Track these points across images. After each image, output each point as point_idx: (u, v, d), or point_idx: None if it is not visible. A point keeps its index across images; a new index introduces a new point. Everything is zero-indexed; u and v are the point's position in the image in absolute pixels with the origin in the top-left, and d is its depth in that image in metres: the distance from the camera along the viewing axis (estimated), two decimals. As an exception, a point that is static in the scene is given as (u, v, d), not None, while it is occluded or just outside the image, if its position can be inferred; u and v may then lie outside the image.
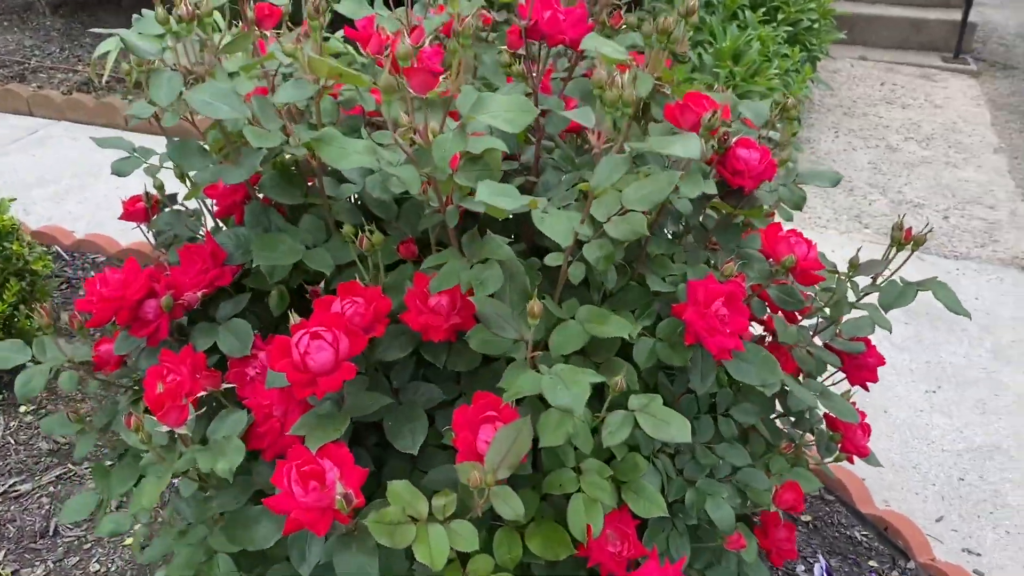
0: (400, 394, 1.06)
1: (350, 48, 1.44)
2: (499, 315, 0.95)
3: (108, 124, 3.93)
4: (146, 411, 1.17)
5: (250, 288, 1.15)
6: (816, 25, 4.29)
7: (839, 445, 1.36)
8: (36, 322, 1.17)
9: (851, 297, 1.22)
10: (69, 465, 2.00)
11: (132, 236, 2.79)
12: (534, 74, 1.10)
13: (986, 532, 2.03)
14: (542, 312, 0.89)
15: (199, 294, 1.10)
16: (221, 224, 1.34)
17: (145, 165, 1.40)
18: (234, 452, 0.94)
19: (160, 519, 1.25)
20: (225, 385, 1.05)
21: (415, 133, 0.88)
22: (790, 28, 4.11)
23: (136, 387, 1.26)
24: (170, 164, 1.34)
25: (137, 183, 1.39)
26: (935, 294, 1.23)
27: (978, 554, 1.97)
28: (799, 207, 1.24)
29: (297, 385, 0.92)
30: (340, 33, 1.38)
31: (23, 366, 1.16)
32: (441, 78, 0.85)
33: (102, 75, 3.96)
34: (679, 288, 1.09)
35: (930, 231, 1.23)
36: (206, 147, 1.28)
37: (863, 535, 1.94)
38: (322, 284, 1.13)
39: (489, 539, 0.98)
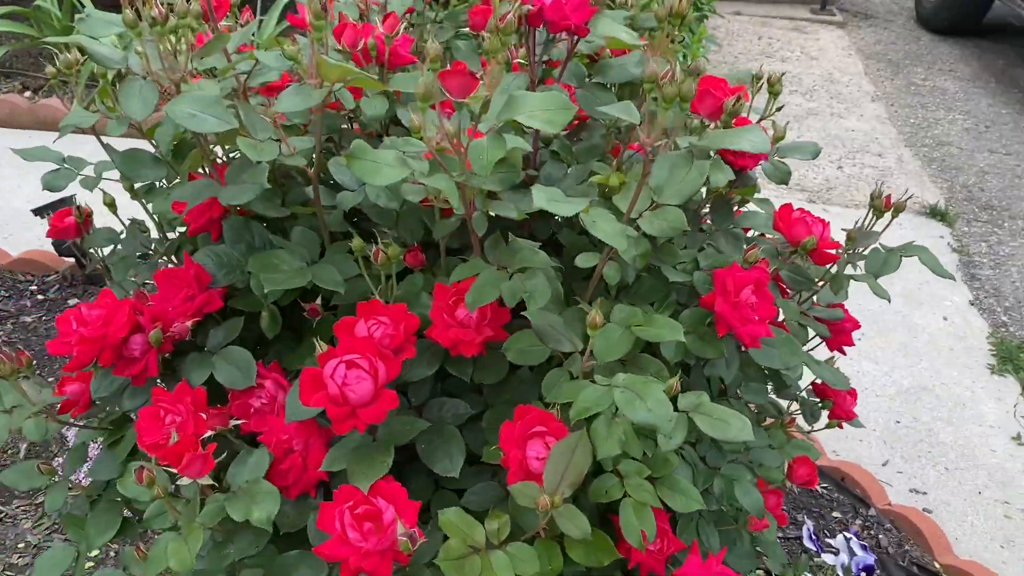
0: (423, 412, 1.00)
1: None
2: (553, 327, 0.90)
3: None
4: (137, 457, 1.07)
5: (237, 310, 1.06)
6: (700, -18, 4.34)
7: (829, 412, 1.38)
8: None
9: (848, 270, 1.22)
10: (-3, 506, 1.83)
11: (17, 243, 2.56)
12: (534, 62, 1.04)
13: (928, 471, 2.14)
14: (602, 323, 0.85)
15: (189, 324, 1.00)
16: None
17: (80, 177, 1.27)
18: (268, 499, 0.86)
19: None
20: (234, 421, 0.96)
21: (442, 139, 0.81)
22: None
23: (108, 428, 1.15)
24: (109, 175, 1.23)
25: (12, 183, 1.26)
26: (920, 259, 1.25)
27: (924, 493, 2.07)
28: (785, 182, 1.24)
29: (337, 420, 0.85)
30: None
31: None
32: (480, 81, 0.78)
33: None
34: (695, 276, 1.07)
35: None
36: (158, 156, 1.17)
37: (823, 488, 2.00)
38: (319, 300, 1.05)
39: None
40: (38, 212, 2.41)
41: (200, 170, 1.16)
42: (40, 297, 2.44)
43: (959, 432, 2.27)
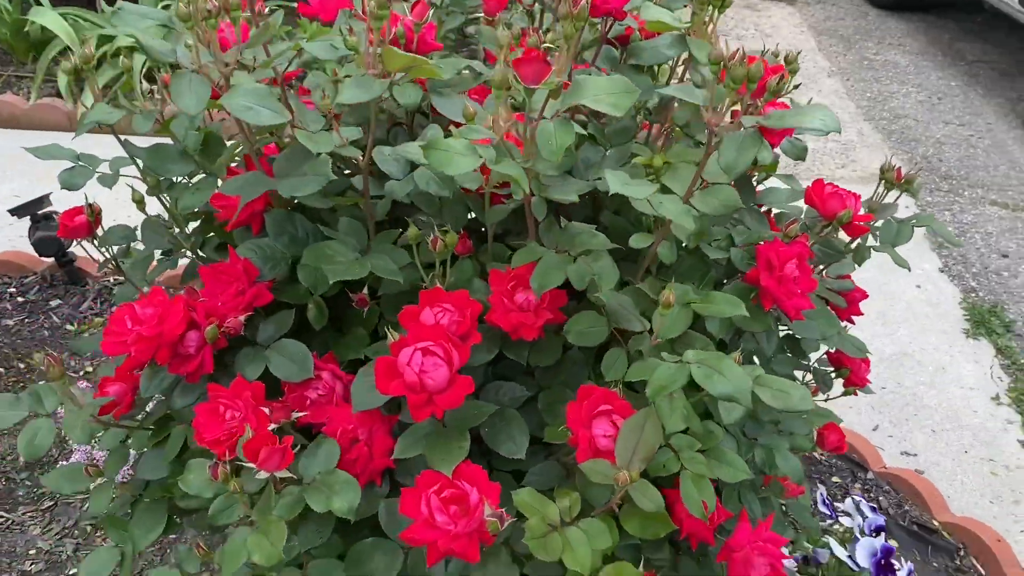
0: (480, 396, 1.01)
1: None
2: (623, 307, 0.92)
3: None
4: (190, 453, 1.06)
5: (281, 304, 1.06)
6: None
7: (844, 380, 1.43)
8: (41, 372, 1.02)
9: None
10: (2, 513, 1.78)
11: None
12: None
13: (916, 434, 2.21)
14: (674, 302, 0.87)
15: (242, 319, 0.99)
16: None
17: (98, 175, 1.25)
18: (347, 488, 0.86)
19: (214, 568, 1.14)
20: (296, 415, 0.96)
21: (510, 126, 0.83)
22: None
23: (150, 428, 1.14)
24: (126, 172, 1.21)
25: None
26: (930, 228, 1.30)
27: (914, 455, 2.15)
28: (802, 158, 1.27)
29: (415, 407, 0.85)
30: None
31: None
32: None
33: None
34: (732, 253, 1.10)
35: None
36: (185, 150, 1.16)
37: (820, 454, 2.06)
38: (365, 290, 1.06)
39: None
40: (14, 212, 2.36)
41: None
42: (20, 299, 2.38)
43: (942, 395, 2.35)
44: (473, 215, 1.08)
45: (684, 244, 1.01)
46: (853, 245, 1.25)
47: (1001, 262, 3.01)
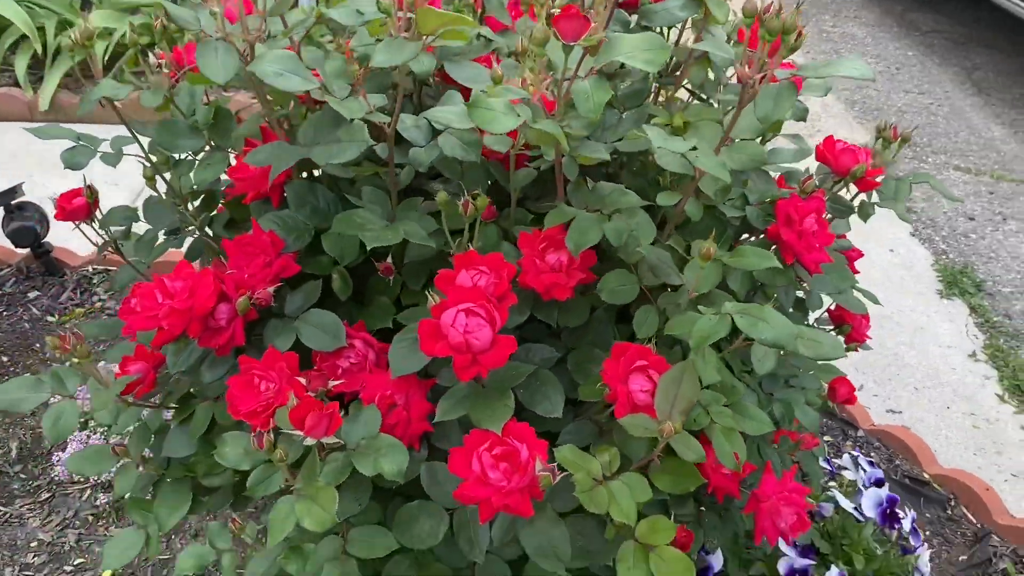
0: (511, 358, 1.02)
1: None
2: (663, 261, 0.93)
3: None
4: (218, 429, 1.06)
5: (306, 275, 1.05)
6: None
7: (846, 337, 1.46)
8: (60, 353, 1.01)
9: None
10: (-4, 507, 1.75)
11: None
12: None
13: (900, 392, 2.27)
14: (713, 255, 0.88)
15: (271, 290, 0.99)
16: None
17: (100, 154, 1.23)
18: (393, 451, 0.87)
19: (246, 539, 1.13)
20: (332, 383, 0.96)
21: (548, 85, 0.83)
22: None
23: (174, 405, 1.13)
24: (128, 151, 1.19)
25: None
26: (930, 184, 1.33)
27: (899, 412, 2.20)
28: (803, 119, 1.29)
29: (461, 368, 0.86)
30: None
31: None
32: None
33: None
34: (748, 211, 1.12)
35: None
36: (195, 125, 1.15)
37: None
38: (389, 258, 1.06)
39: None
40: (-13, 203, 2.30)
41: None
42: (-3, 292, 2.33)
43: (922, 354, 2.41)
44: (488, 184, 1.09)
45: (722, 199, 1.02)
46: (856, 202, 1.28)
47: (968, 224, 3.09)
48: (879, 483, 1.63)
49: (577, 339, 1.05)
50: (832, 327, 1.47)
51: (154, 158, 1.21)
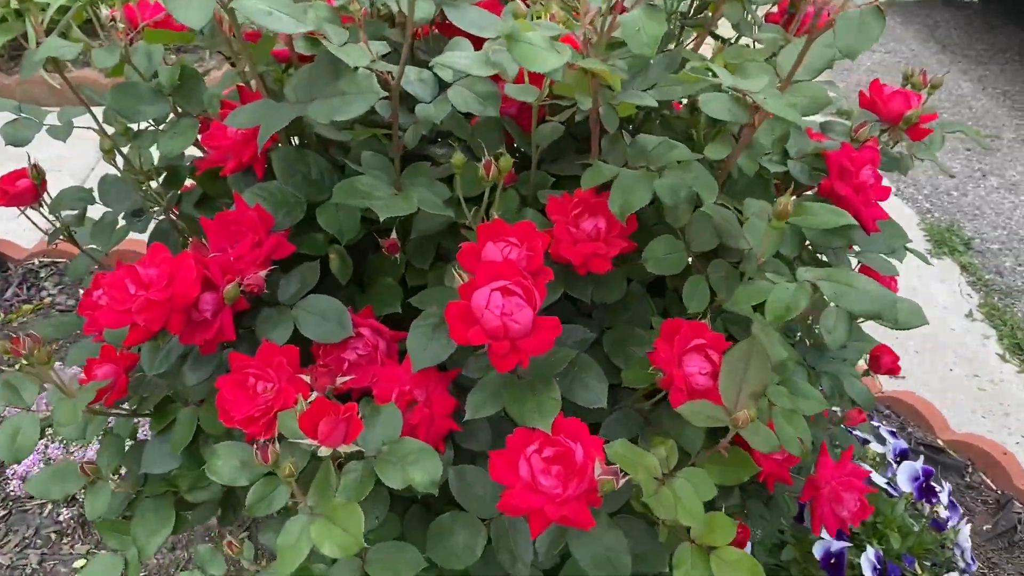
0: (541, 343, 0.89)
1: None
2: (728, 222, 0.81)
3: None
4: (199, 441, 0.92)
5: (299, 255, 0.91)
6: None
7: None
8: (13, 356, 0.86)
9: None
10: (-53, 529, 1.58)
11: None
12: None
13: (902, 357, 2.19)
14: (790, 211, 0.76)
15: (263, 275, 0.85)
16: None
17: (47, 127, 1.08)
18: (425, 457, 0.74)
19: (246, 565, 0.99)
20: (341, 379, 0.83)
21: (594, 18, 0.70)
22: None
23: (148, 413, 0.98)
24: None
25: None
26: (963, 132, 1.23)
27: (903, 377, 2.12)
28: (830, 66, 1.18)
29: (499, 356, 0.73)
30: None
31: None
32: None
33: None
34: (790, 166, 1.00)
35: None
36: (159, 88, 1.00)
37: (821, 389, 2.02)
38: (393, 233, 0.93)
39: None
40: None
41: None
42: (-67, 291, 2.13)
43: (919, 316, 2.34)
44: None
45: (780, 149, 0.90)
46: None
47: (950, 182, 3.03)
48: (904, 454, 1.54)
49: (613, 317, 0.93)
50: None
51: (110, 129, 1.06)
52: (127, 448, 1.01)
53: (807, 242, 0.97)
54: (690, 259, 0.87)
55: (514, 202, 0.91)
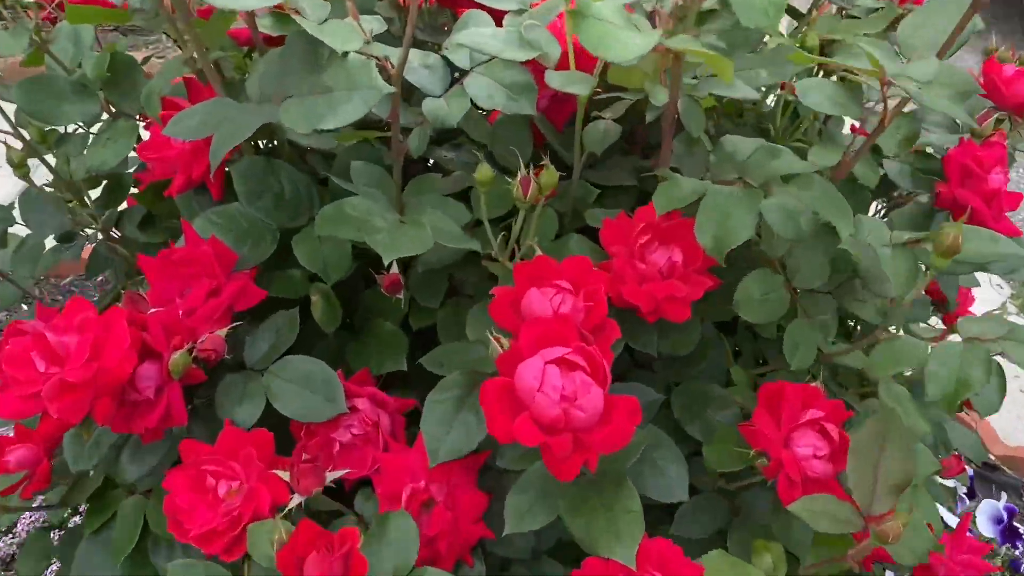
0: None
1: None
2: (871, 261, 0.60)
3: None
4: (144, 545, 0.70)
5: (275, 299, 0.70)
6: None
7: (944, 316, 1.17)
8: None
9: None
10: None
11: None
12: None
13: (937, 358, 2.01)
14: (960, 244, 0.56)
15: (222, 333, 0.63)
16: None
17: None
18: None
19: None
20: (332, 475, 0.61)
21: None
22: None
23: (72, 510, 0.76)
24: None
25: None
26: None
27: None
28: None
29: (560, 459, 0.52)
30: None
31: None
32: None
33: None
34: (888, 166, 0.79)
35: None
36: (84, 82, 0.78)
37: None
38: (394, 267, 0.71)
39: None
40: None
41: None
42: None
43: (951, 312, 2.16)
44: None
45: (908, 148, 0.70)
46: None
47: None
48: (971, 482, 1.35)
49: (682, 370, 0.72)
50: (932, 301, 1.18)
51: (27, 135, 0.83)
52: (57, 540, 0.80)
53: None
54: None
55: (553, 225, 0.69)
